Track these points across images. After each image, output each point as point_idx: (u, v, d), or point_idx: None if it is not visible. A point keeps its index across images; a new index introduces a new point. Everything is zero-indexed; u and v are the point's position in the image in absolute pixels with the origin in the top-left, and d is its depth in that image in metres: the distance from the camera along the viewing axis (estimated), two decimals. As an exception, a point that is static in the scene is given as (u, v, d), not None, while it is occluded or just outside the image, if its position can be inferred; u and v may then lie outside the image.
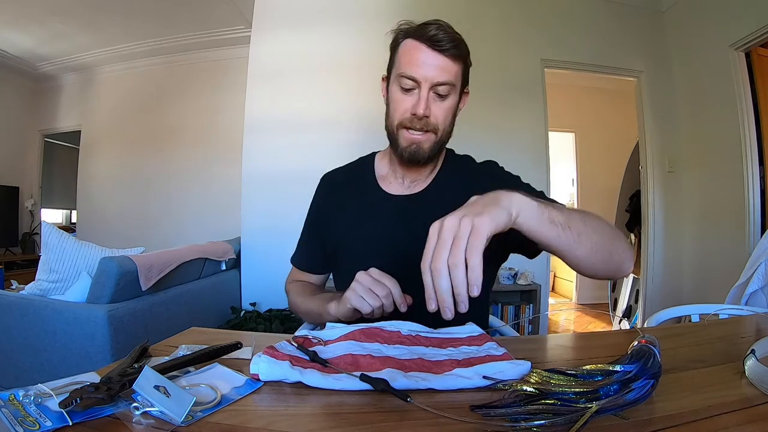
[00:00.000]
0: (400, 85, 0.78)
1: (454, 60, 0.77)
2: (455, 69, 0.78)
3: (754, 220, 2.45)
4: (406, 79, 0.77)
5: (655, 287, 3.00)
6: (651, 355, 0.43)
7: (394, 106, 0.81)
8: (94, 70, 4.47)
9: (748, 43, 2.43)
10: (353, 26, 2.84)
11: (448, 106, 0.80)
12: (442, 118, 0.80)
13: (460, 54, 0.78)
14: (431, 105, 0.78)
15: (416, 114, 0.77)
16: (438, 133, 0.81)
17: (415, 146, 0.80)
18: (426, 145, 0.81)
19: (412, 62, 0.77)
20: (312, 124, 2.80)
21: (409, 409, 0.41)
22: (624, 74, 3.06)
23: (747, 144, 2.48)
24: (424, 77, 0.76)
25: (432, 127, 0.79)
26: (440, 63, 0.76)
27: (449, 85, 0.77)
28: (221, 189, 3.87)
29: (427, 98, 0.77)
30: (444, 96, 0.78)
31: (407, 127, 0.80)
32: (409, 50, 0.78)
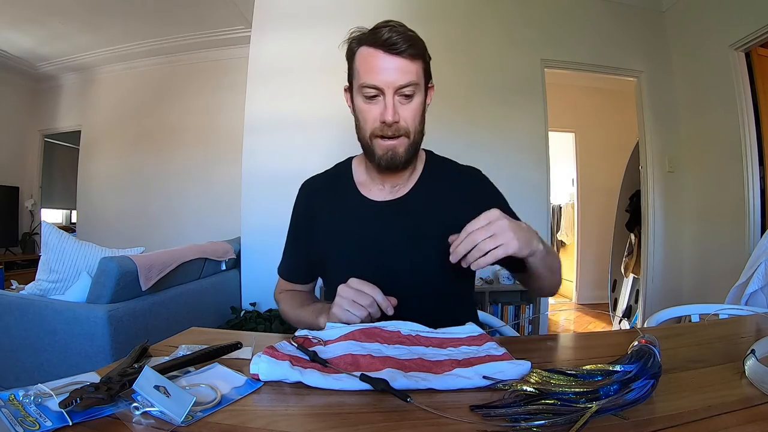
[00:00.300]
0: (364, 95, 0.77)
1: (413, 59, 0.76)
2: (415, 68, 0.76)
3: (754, 220, 2.45)
4: (368, 89, 0.76)
5: (655, 287, 3.00)
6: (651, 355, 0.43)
7: (362, 117, 0.80)
8: (94, 70, 4.47)
9: (748, 43, 2.43)
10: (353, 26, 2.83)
11: (415, 106, 0.78)
12: (411, 120, 0.79)
13: (418, 52, 0.76)
14: (398, 109, 0.76)
15: (385, 121, 0.76)
16: (411, 136, 0.79)
17: (390, 153, 0.79)
18: (401, 149, 0.79)
19: (371, 70, 0.75)
20: (312, 124, 2.80)
21: (409, 409, 0.41)
22: (624, 74, 3.06)
23: (747, 144, 2.47)
24: (386, 83, 0.74)
25: (404, 131, 0.78)
26: (399, 65, 0.75)
27: (413, 86, 0.76)
28: (221, 189, 3.87)
29: (393, 103, 0.75)
30: (410, 96, 0.77)
31: (379, 136, 0.78)
32: (365, 58, 0.77)
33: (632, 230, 3.37)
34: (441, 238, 0.78)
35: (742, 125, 2.49)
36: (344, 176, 0.92)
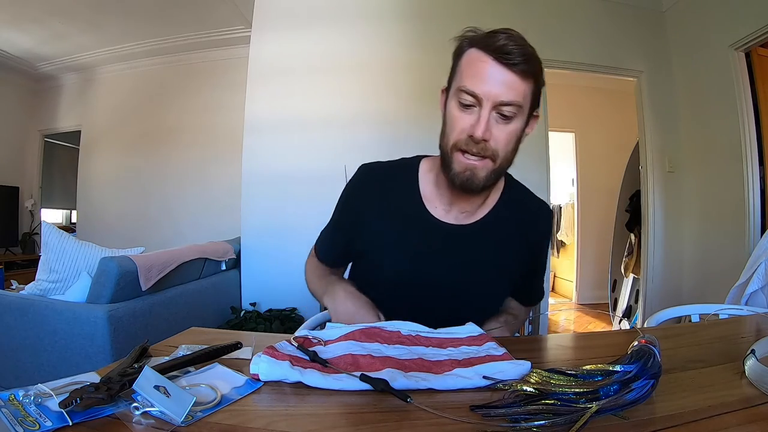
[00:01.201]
0: (459, 101, 0.68)
1: (524, 77, 0.66)
2: (524, 87, 0.67)
3: (754, 220, 2.44)
4: (466, 95, 0.67)
5: (655, 287, 3.00)
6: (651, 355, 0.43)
7: (450, 124, 0.71)
8: (94, 70, 4.47)
9: (748, 43, 2.43)
10: (353, 26, 2.84)
11: (511, 129, 0.69)
12: (503, 143, 0.69)
13: (531, 70, 0.67)
14: (492, 127, 0.67)
15: (474, 136, 0.67)
16: (497, 161, 0.70)
17: (469, 173, 0.70)
18: (482, 173, 0.70)
19: (475, 76, 0.67)
20: (312, 124, 2.80)
21: (409, 409, 0.41)
22: (624, 74, 3.05)
23: (747, 144, 2.47)
24: (487, 94, 0.65)
25: (491, 153, 0.69)
26: (507, 79, 0.65)
27: (515, 106, 0.67)
28: (221, 189, 3.87)
29: (488, 119, 0.66)
30: (508, 118, 0.67)
31: (463, 150, 0.69)
32: (472, 61, 0.68)
33: (632, 230, 3.37)
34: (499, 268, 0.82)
35: (742, 125, 2.49)
36: (409, 181, 0.83)
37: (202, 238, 2.78)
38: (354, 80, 2.81)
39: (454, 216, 0.80)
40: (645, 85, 3.01)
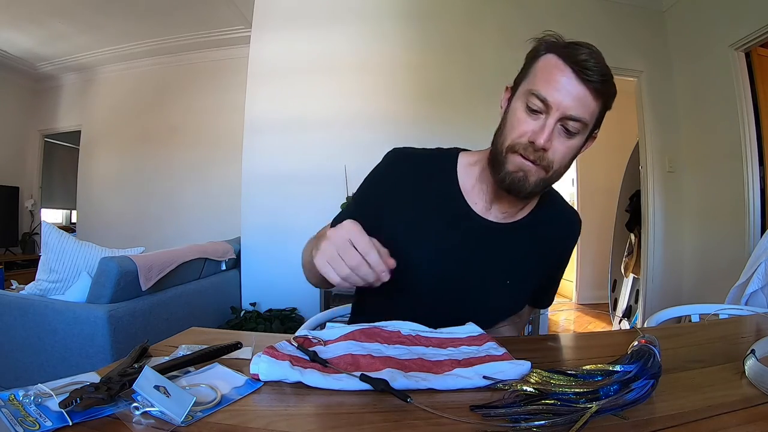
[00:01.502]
0: (527, 104, 0.67)
1: (596, 96, 0.65)
2: (594, 106, 0.66)
3: (753, 220, 2.45)
4: (535, 99, 0.65)
5: (655, 287, 3.00)
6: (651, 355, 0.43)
7: (511, 125, 0.69)
8: (94, 70, 4.47)
9: (748, 43, 2.43)
10: (353, 27, 2.84)
11: (572, 145, 0.68)
12: (560, 157, 0.68)
13: (605, 91, 0.66)
14: (554, 138, 0.66)
15: (535, 143, 0.65)
16: (550, 172, 0.69)
17: (522, 174, 0.68)
18: (533, 178, 0.68)
19: (550, 82, 0.65)
20: (312, 124, 2.80)
21: (409, 409, 0.41)
22: (624, 74, 3.05)
23: (747, 144, 2.47)
24: (558, 104, 0.64)
25: (546, 163, 0.67)
26: (580, 94, 0.64)
27: (581, 123, 0.66)
28: (221, 189, 3.87)
29: (552, 129, 0.65)
30: (572, 134, 0.66)
31: (519, 153, 0.68)
32: (549, 67, 0.66)
33: (632, 230, 3.36)
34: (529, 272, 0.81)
35: (742, 125, 2.49)
36: (448, 172, 0.80)
37: (202, 238, 2.79)
38: (354, 80, 2.81)
39: (494, 215, 0.78)
40: (645, 85, 3.01)
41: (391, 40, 2.82)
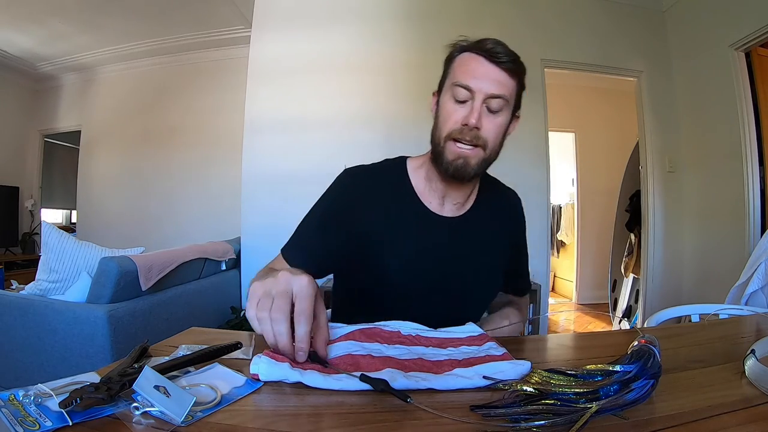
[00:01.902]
0: (454, 96, 0.76)
1: (510, 74, 0.75)
2: (510, 84, 0.76)
3: (754, 220, 2.45)
4: (460, 89, 0.75)
5: (655, 287, 3.00)
6: (651, 355, 0.43)
7: (444, 117, 0.78)
8: (94, 70, 4.47)
9: (748, 43, 2.43)
10: (353, 27, 2.84)
11: (499, 122, 0.77)
12: (492, 135, 0.76)
13: (517, 70, 0.76)
14: (483, 118, 0.75)
15: (468, 124, 0.74)
16: (486, 150, 0.77)
17: (462, 161, 0.76)
18: (473, 160, 0.76)
19: (468, 72, 0.75)
20: (312, 124, 2.80)
21: (409, 409, 0.41)
22: (624, 74, 3.06)
23: (747, 144, 2.47)
24: (479, 88, 0.74)
25: (482, 142, 0.75)
26: (496, 75, 0.74)
27: (503, 100, 0.75)
28: (221, 189, 3.87)
29: (480, 110, 0.74)
30: (496, 111, 0.75)
31: (456, 139, 0.76)
32: (465, 61, 0.77)
33: (632, 230, 3.37)
34: (494, 254, 0.88)
35: (742, 125, 2.49)
36: (400, 178, 0.87)
37: (202, 238, 2.79)
38: (354, 80, 2.81)
39: (449, 209, 0.85)
40: (645, 85, 3.01)
41: (391, 40, 2.82)
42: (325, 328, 0.54)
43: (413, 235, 0.82)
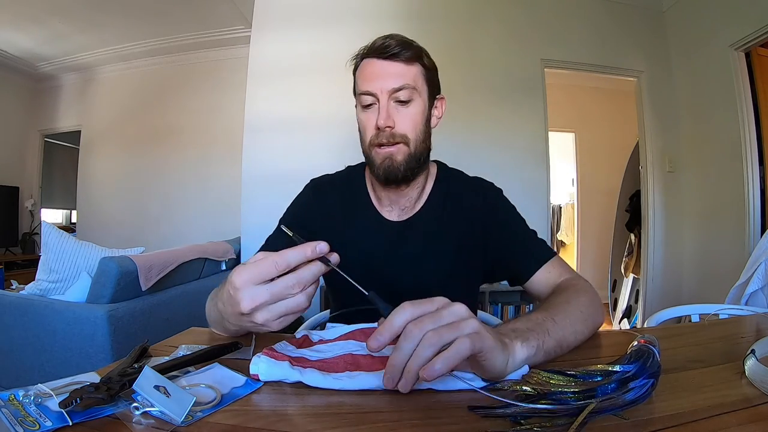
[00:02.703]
0: (361, 104, 0.77)
1: (408, 62, 0.74)
2: (412, 71, 0.75)
3: (754, 220, 2.45)
4: (363, 96, 0.75)
5: (655, 287, 3.00)
6: (650, 354, 0.43)
7: (362, 128, 0.78)
8: (94, 70, 4.47)
9: (748, 43, 2.43)
10: (353, 26, 2.84)
11: (413, 112, 0.75)
12: (409, 127, 0.75)
13: (413, 55, 0.75)
14: (393, 115, 0.74)
15: (378, 125, 0.73)
16: (410, 144, 0.75)
17: (388, 161, 0.75)
18: (399, 156, 0.75)
19: (365, 77, 0.75)
20: (312, 124, 2.80)
21: (409, 409, 0.41)
22: (624, 74, 3.06)
23: (747, 144, 2.47)
24: (380, 88, 0.73)
25: (400, 138, 0.74)
26: (392, 69, 0.74)
27: (408, 89, 0.73)
28: (221, 189, 3.88)
29: (387, 108, 0.73)
30: (405, 102, 0.74)
31: (377, 144, 0.75)
32: (362, 68, 0.78)
33: (632, 230, 3.37)
34: (448, 255, 0.82)
35: (742, 125, 2.49)
36: (357, 185, 0.88)
37: (202, 238, 2.79)
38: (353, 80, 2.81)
39: (397, 214, 0.84)
40: (645, 85, 3.02)
41: (391, 40, 2.82)
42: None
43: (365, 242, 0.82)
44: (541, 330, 0.52)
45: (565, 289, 0.70)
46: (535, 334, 0.50)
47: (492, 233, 0.83)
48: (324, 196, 0.88)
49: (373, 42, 0.76)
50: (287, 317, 0.48)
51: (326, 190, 0.89)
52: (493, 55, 2.86)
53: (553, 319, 0.55)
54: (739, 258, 2.20)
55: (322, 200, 0.87)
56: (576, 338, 0.58)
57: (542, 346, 0.50)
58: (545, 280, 0.78)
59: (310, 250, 0.47)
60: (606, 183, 4.25)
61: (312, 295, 0.49)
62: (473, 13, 2.88)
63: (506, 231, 0.83)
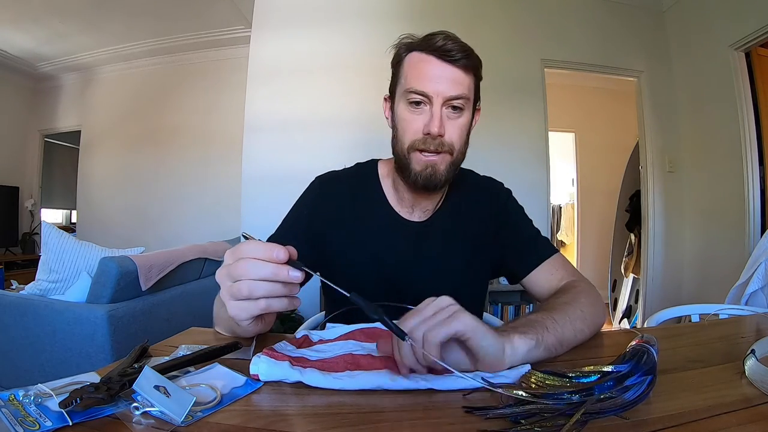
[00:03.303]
0: (409, 102, 0.71)
1: (466, 71, 0.71)
2: (468, 81, 0.71)
3: (754, 220, 2.45)
4: (415, 95, 0.70)
5: (655, 287, 3.00)
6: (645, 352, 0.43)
7: (403, 127, 0.74)
8: (94, 70, 4.47)
9: (748, 43, 2.43)
10: (353, 26, 2.84)
11: (462, 123, 0.73)
12: (457, 137, 0.72)
13: (472, 64, 0.71)
14: (445, 123, 0.70)
15: (430, 133, 0.70)
16: (454, 154, 0.73)
17: (430, 170, 0.72)
18: (442, 166, 0.72)
19: (422, 76, 0.70)
20: (312, 124, 2.80)
21: (409, 409, 0.41)
22: (624, 74, 3.06)
23: (747, 144, 2.47)
24: (436, 92, 0.69)
25: (447, 148, 0.71)
26: (452, 75, 0.69)
27: (463, 99, 0.70)
28: (221, 189, 3.88)
29: (440, 115, 0.69)
30: (459, 110, 0.71)
31: (420, 149, 0.71)
32: (416, 64, 0.72)
33: (632, 230, 3.37)
34: (464, 255, 0.81)
35: (742, 125, 2.49)
36: (371, 183, 0.85)
37: (202, 238, 2.78)
38: (354, 80, 2.81)
39: (418, 215, 0.82)
40: (645, 85, 3.01)
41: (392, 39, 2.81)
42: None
43: (378, 242, 0.80)
44: (540, 326, 0.53)
45: (565, 291, 0.70)
46: (534, 329, 0.52)
47: (501, 234, 0.83)
48: (332, 193, 0.84)
49: (430, 37, 0.70)
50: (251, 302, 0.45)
51: (335, 186, 0.85)
52: (493, 55, 2.85)
53: (553, 318, 0.56)
54: (739, 258, 2.20)
55: (330, 197, 0.84)
56: (577, 337, 0.58)
57: (542, 340, 0.51)
58: (546, 282, 0.78)
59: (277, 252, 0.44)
60: (606, 183, 4.25)
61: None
62: (473, 13, 2.88)
63: (513, 231, 0.84)
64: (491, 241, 0.83)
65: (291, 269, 0.44)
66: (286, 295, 0.46)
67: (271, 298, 0.45)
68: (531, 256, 0.80)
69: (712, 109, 2.72)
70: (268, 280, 0.44)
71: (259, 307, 0.45)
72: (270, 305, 0.45)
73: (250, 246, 0.45)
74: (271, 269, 0.44)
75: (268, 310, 0.46)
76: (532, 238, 0.83)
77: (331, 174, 0.88)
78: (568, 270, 0.79)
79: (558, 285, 0.76)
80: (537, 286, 0.79)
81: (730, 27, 2.51)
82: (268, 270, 0.44)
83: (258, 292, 0.44)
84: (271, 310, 0.46)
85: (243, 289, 0.44)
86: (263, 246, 0.44)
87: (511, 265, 0.82)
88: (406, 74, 0.73)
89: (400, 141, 0.75)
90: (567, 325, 0.56)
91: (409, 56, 0.73)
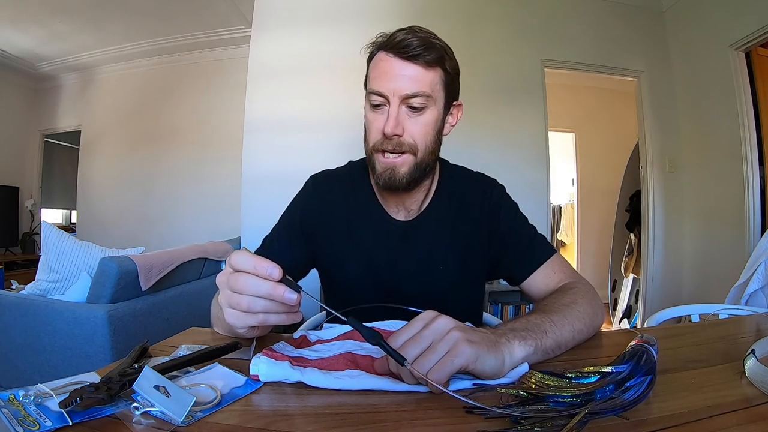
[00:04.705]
0: (371, 103, 0.70)
1: (428, 66, 0.68)
2: (429, 77, 0.68)
3: (754, 220, 2.45)
4: (374, 96, 0.69)
5: (655, 287, 3.00)
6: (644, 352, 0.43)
7: (368, 128, 0.73)
8: (94, 70, 4.47)
9: (748, 43, 2.43)
10: (353, 26, 2.84)
11: (425, 121, 0.70)
12: (419, 136, 0.70)
13: (435, 59, 0.68)
14: (404, 122, 0.68)
15: (385, 133, 0.68)
16: (417, 154, 0.70)
17: (389, 171, 0.70)
18: (403, 168, 0.70)
19: (379, 75, 0.69)
20: (312, 124, 2.80)
21: (409, 409, 0.41)
22: (624, 74, 3.06)
23: (747, 144, 2.47)
24: (392, 90, 0.67)
25: (408, 147, 0.69)
26: (409, 72, 0.67)
27: (423, 97, 0.68)
28: (221, 189, 3.88)
29: (397, 114, 0.67)
30: (419, 109, 0.68)
31: (382, 150, 0.70)
32: (376, 63, 0.70)
33: (632, 230, 3.37)
34: (455, 255, 0.80)
35: (742, 125, 2.49)
36: (362, 183, 0.83)
37: (202, 238, 2.78)
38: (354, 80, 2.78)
39: (404, 214, 0.81)
40: (645, 85, 3.02)
41: (391, 40, 2.82)
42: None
43: (368, 241, 0.79)
44: (539, 330, 0.53)
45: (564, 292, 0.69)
46: (533, 335, 0.52)
47: (495, 232, 0.82)
48: (326, 193, 0.84)
49: (393, 34, 0.69)
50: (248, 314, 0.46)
51: (328, 186, 0.85)
52: (493, 55, 2.86)
53: (551, 320, 0.56)
54: (739, 258, 2.20)
55: (323, 197, 0.83)
56: (575, 338, 0.58)
57: (540, 345, 0.51)
58: (544, 285, 0.77)
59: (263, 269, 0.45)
60: (606, 183, 4.25)
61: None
62: (473, 13, 2.88)
63: (508, 231, 0.82)
64: (485, 241, 0.82)
65: (287, 290, 0.44)
66: (285, 312, 0.47)
67: (270, 313, 0.46)
68: (528, 259, 0.79)
69: (712, 109, 2.72)
70: (265, 298, 0.45)
71: (256, 319, 0.46)
72: (267, 319, 0.46)
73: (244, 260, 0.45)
74: (267, 289, 0.44)
75: (265, 323, 0.47)
76: (528, 240, 0.81)
77: (324, 173, 0.88)
78: (566, 272, 0.78)
79: (556, 287, 0.75)
80: (535, 288, 0.78)
81: (730, 27, 2.51)
82: (264, 289, 0.45)
83: (256, 308, 0.45)
84: (267, 324, 0.47)
85: (242, 303, 0.45)
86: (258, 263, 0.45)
87: (508, 269, 0.81)
88: (370, 75, 0.72)
89: (366, 142, 0.74)
90: (565, 327, 0.56)
91: (376, 55, 0.72)
